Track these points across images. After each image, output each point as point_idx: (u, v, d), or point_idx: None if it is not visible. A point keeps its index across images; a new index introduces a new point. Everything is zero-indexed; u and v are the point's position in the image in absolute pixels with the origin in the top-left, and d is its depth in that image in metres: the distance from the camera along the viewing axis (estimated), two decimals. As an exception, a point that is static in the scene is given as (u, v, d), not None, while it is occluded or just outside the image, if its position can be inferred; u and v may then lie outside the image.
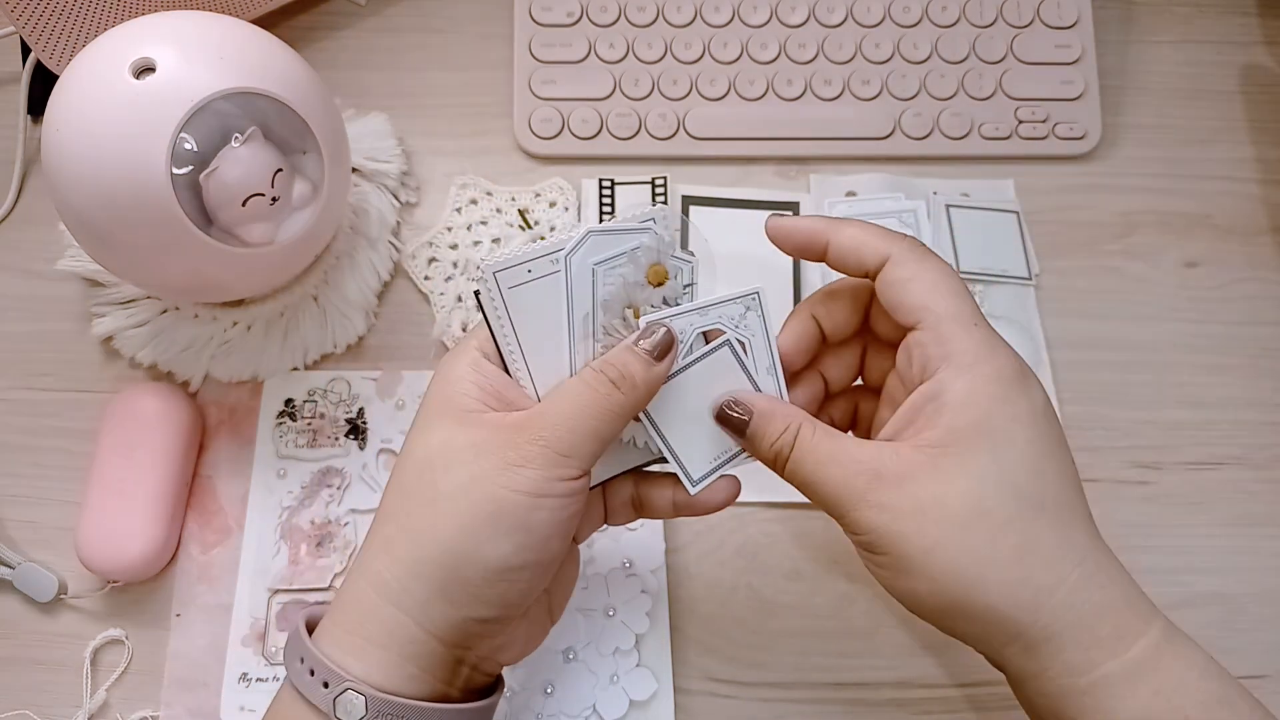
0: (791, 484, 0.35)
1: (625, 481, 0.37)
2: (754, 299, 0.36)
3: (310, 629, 0.34)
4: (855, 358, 0.38)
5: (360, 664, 0.32)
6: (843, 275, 0.37)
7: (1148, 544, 0.50)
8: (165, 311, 0.51)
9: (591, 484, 0.35)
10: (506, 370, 0.35)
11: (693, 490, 0.36)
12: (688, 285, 0.35)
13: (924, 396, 0.33)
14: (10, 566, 0.47)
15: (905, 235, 0.35)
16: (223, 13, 0.46)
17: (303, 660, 0.33)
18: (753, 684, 0.47)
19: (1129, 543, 0.50)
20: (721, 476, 0.36)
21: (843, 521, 0.33)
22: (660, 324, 0.34)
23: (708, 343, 0.35)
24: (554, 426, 0.32)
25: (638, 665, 0.46)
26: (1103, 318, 0.55)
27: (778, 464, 0.35)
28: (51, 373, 0.52)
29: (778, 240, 0.37)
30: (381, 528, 0.34)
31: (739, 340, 0.35)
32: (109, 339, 0.51)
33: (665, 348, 0.34)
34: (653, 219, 0.35)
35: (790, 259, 0.54)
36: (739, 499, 0.49)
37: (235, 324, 0.50)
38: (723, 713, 0.46)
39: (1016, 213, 0.56)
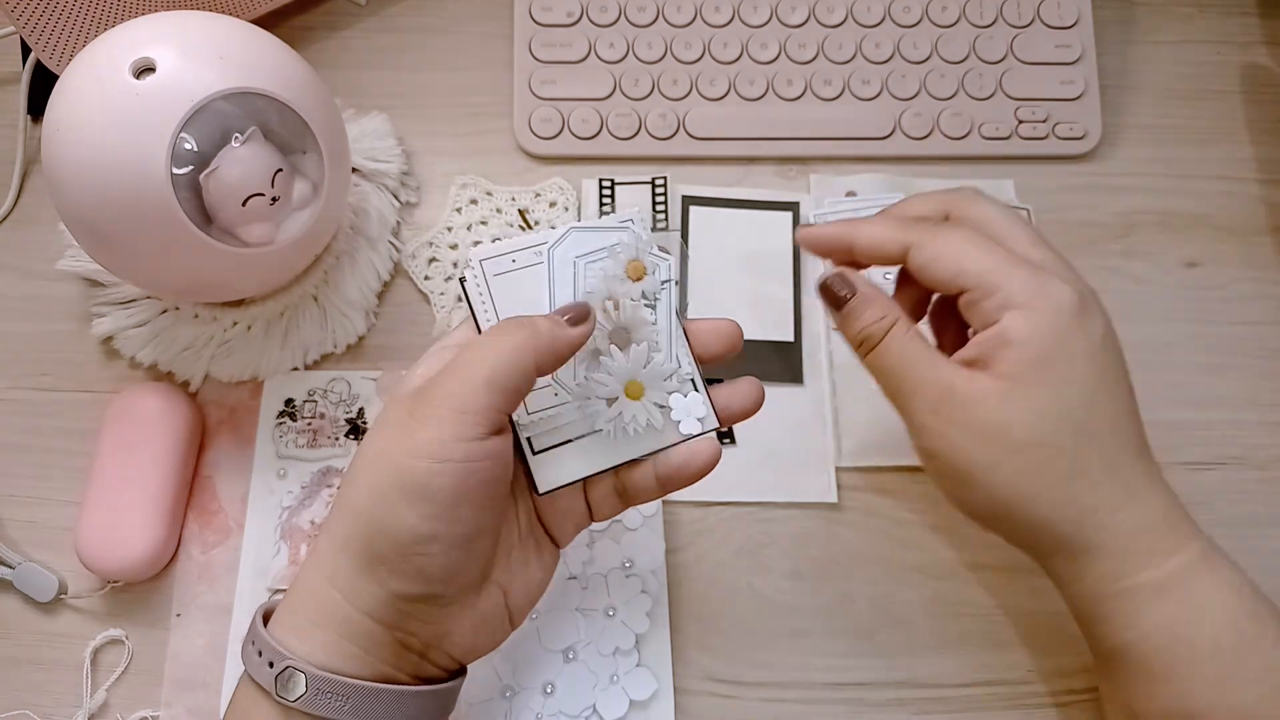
0: (869, 370, 0.38)
1: (605, 474, 0.37)
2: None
3: (269, 618, 0.34)
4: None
5: (303, 644, 0.33)
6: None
7: (1148, 544, 0.50)
8: (165, 311, 0.51)
9: (559, 484, 0.36)
10: None
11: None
12: (665, 281, 0.37)
13: (991, 337, 0.36)
14: (10, 566, 0.48)
15: (919, 219, 0.38)
16: (222, 13, 0.46)
17: (254, 643, 0.33)
18: (753, 684, 0.47)
19: (1129, 543, 0.50)
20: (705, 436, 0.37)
21: (909, 421, 0.37)
22: (581, 302, 0.35)
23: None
24: (448, 383, 0.32)
25: (638, 665, 0.46)
26: (1103, 318, 0.55)
27: (863, 348, 0.38)
28: (51, 373, 0.52)
29: (806, 247, 0.42)
30: (330, 512, 0.35)
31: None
32: (109, 339, 0.51)
33: (581, 315, 0.34)
34: (631, 219, 0.37)
35: (791, 258, 0.54)
36: (738, 499, 0.50)
37: (235, 324, 0.50)
38: (723, 713, 0.46)
39: (1027, 209, 0.56)
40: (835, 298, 0.38)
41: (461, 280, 0.36)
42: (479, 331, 0.36)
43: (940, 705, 0.47)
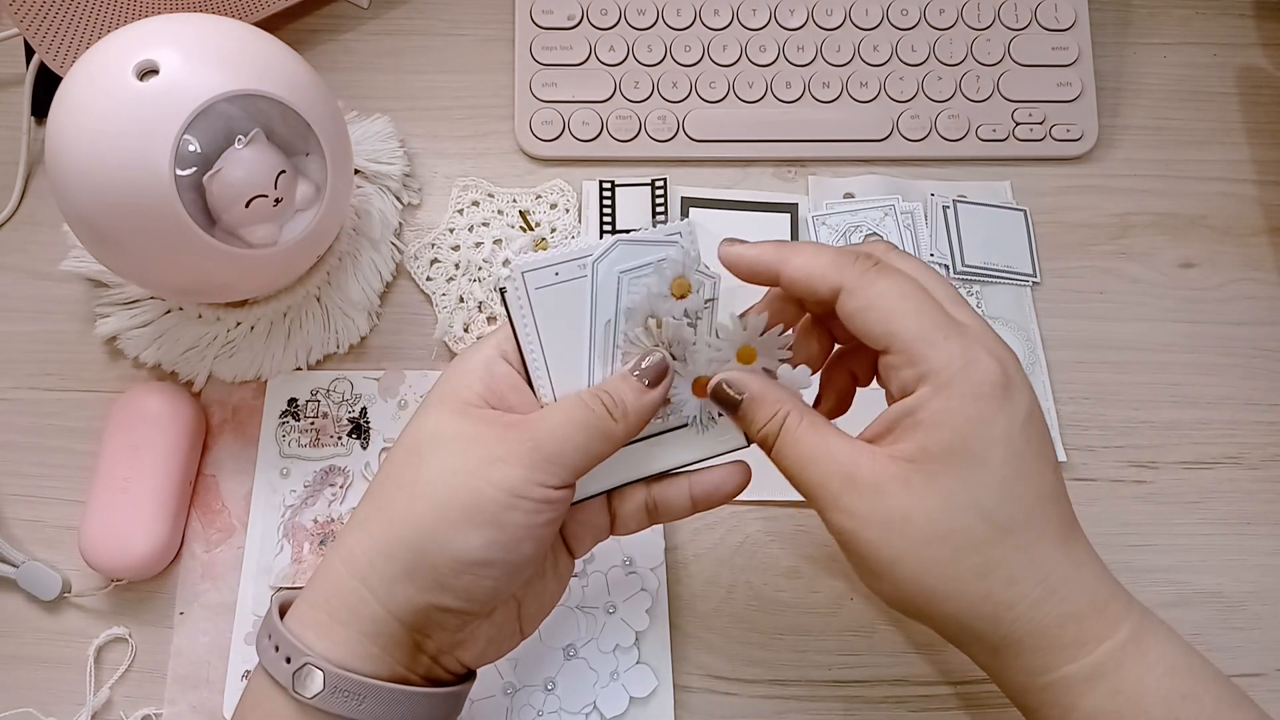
0: (775, 467, 0.35)
1: (637, 488, 0.37)
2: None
3: (285, 612, 0.34)
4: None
5: (322, 640, 0.33)
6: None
7: (1144, 543, 0.50)
8: (169, 312, 0.51)
9: (591, 494, 0.36)
10: (526, 369, 0.35)
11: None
12: (709, 300, 0.36)
13: (901, 411, 0.33)
14: (14, 565, 0.48)
15: (856, 255, 0.34)
16: (226, 15, 0.46)
17: (270, 637, 0.33)
18: (751, 681, 0.47)
19: (1125, 542, 0.51)
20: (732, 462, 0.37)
21: (820, 516, 0.34)
22: (660, 357, 0.35)
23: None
24: (545, 433, 0.33)
25: (638, 662, 0.46)
26: (1099, 318, 0.55)
27: (764, 447, 0.35)
28: (55, 373, 0.52)
29: (730, 267, 0.36)
30: (362, 507, 0.34)
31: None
32: (113, 339, 0.51)
33: (659, 375, 0.35)
34: (679, 233, 0.36)
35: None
36: (737, 497, 0.50)
37: (238, 324, 0.50)
38: (722, 709, 0.47)
39: (1024, 211, 0.56)
40: (729, 401, 0.35)
41: (502, 290, 0.36)
42: (516, 341, 0.35)
43: (938, 703, 0.47)
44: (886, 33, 0.59)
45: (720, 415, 0.36)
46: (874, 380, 0.37)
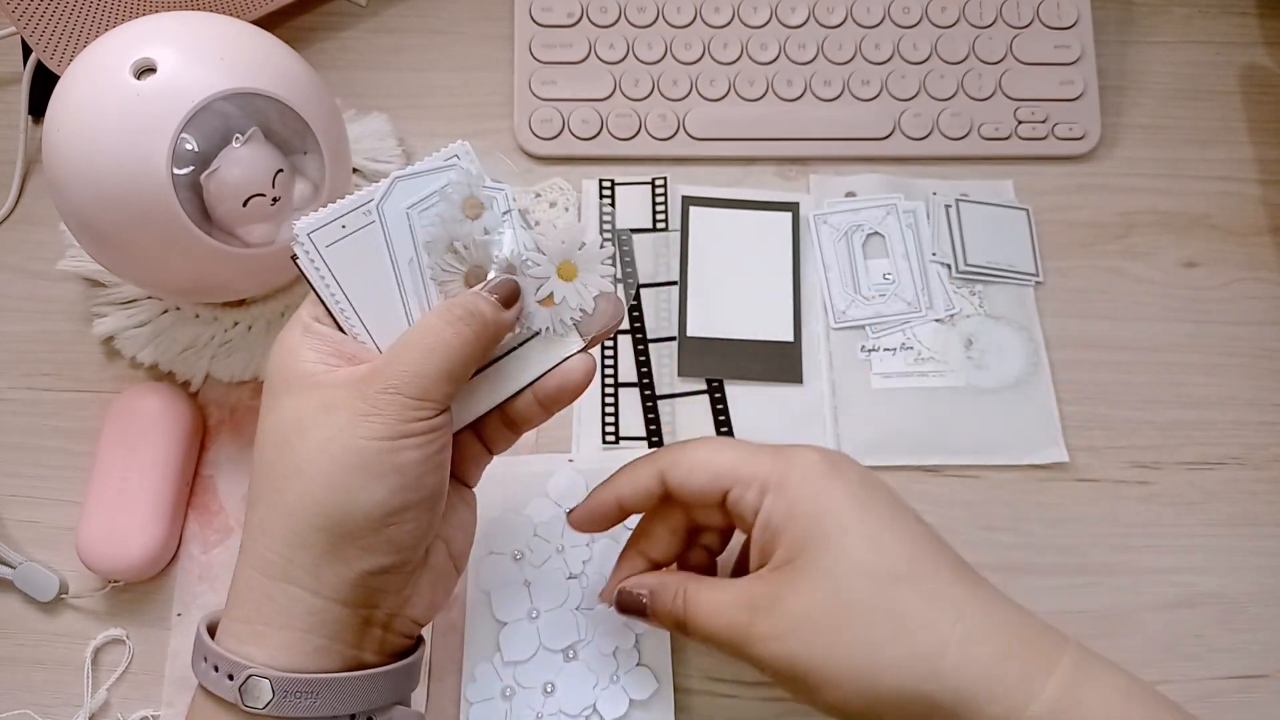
0: (704, 644, 0.36)
1: (491, 411, 0.37)
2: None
3: (213, 631, 0.34)
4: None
5: (263, 650, 0.32)
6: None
7: (1146, 544, 0.50)
8: (166, 311, 0.51)
9: (460, 425, 0.36)
10: (339, 328, 0.35)
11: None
12: (505, 211, 0.36)
13: (760, 527, 0.36)
14: (11, 566, 0.48)
15: (667, 448, 0.39)
16: (223, 13, 0.46)
17: (206, 659, 0.33)
18: (753, 683, 0.47)
19: (1128, 543, 0.50)
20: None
21: (751, 662, 0.35)
22: (507, 278, 0.35)
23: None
24: (402, 373, 0.32)
25: (638, 664, 0.46)
26: (1102, 318, 0.55)
27: (683, 631, 0.37)
28: (52, 373, 0.52)
29: (583, 529, 0.40)
30: (253, 513, 0.34)
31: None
32: (110, 339, 0.51)
33: (511, 296, 0.35)
34: (456, 154, 0.35)
35: (791, 258, 0.54)
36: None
37: (236, 324, 0.50)
38: (723, 712, 0.46)
39: (1026, 210, 0.56)
40: (637, 605, 0.38)
41: (294, 258, 0.34)
42: (323, 304, 0.35)
43: (940, 705, 0.47)
44: (888, 31, 0.58)
45: (569, 320, 0.36)
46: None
